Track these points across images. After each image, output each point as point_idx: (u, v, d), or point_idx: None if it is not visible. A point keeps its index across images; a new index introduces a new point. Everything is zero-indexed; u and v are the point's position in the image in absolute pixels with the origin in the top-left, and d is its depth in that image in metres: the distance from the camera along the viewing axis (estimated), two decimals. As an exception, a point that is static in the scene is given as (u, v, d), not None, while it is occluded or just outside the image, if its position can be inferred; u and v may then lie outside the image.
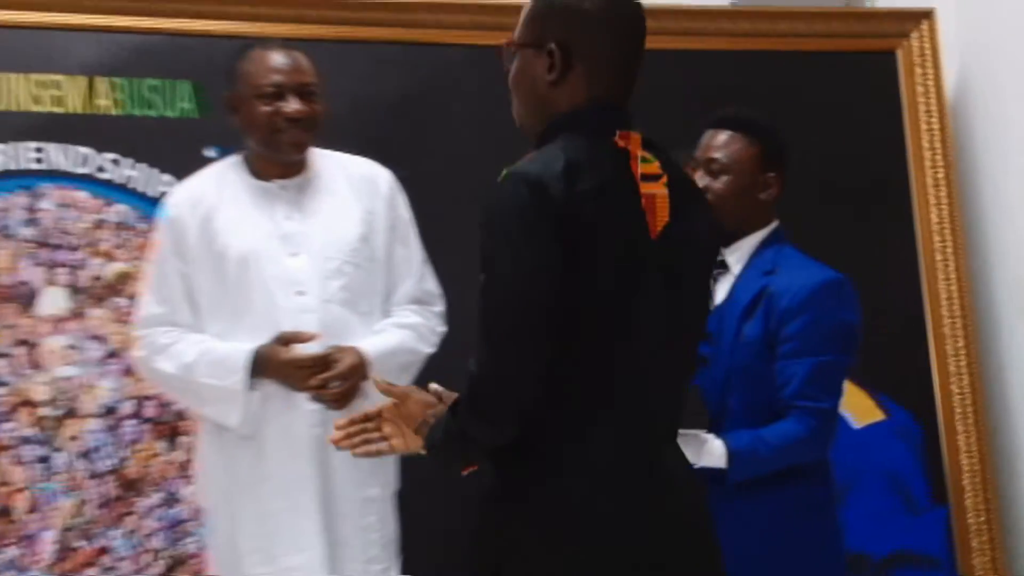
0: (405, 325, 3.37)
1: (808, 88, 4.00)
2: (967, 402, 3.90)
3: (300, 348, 3.24)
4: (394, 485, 3.36)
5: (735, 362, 2.95)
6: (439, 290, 3.42)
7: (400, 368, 3.32)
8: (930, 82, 4.04)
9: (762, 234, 3.01)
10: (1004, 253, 3.91)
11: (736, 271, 3.02)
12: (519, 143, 3.78)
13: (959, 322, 3.95)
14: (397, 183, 3.40)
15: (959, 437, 3.91)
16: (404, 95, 3.91)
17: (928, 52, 4.05)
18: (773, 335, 2.93)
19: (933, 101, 4.04)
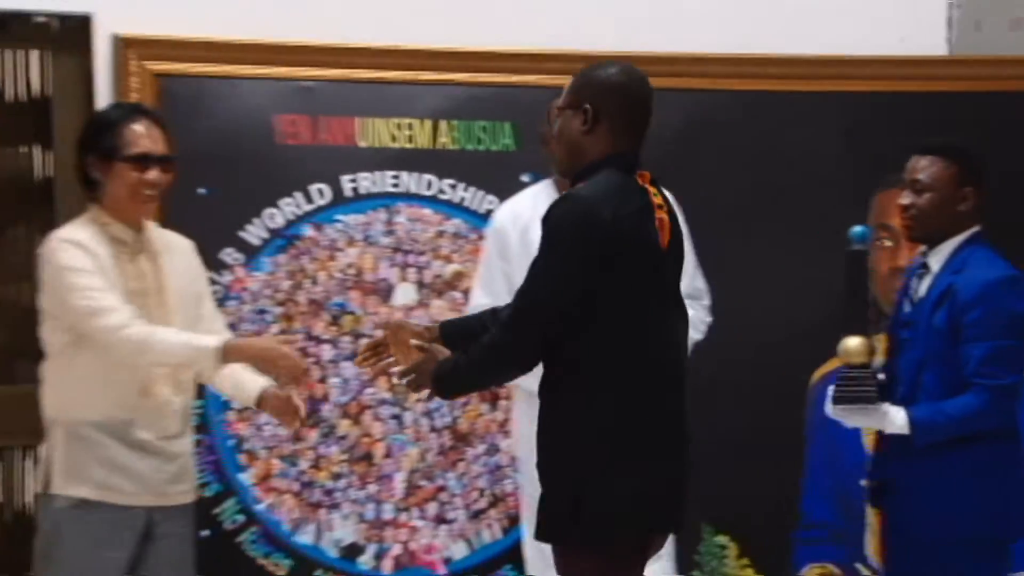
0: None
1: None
2: None
3: None
4: None
5: (928, 347, 3.29)
6: (707, 287, 3.93)
7: None
8: None
9: (959, 239, 3.33)
10: None
11: (935, 271, 3.34)
12: (775, 171, 4.44)
13: None
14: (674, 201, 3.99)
15: None
16: (681, 131, 4.26)
17: None
18: (956, 324, 3.24)
19: None
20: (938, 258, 3.36)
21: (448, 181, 4.28)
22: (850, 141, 4.41)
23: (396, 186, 4.26)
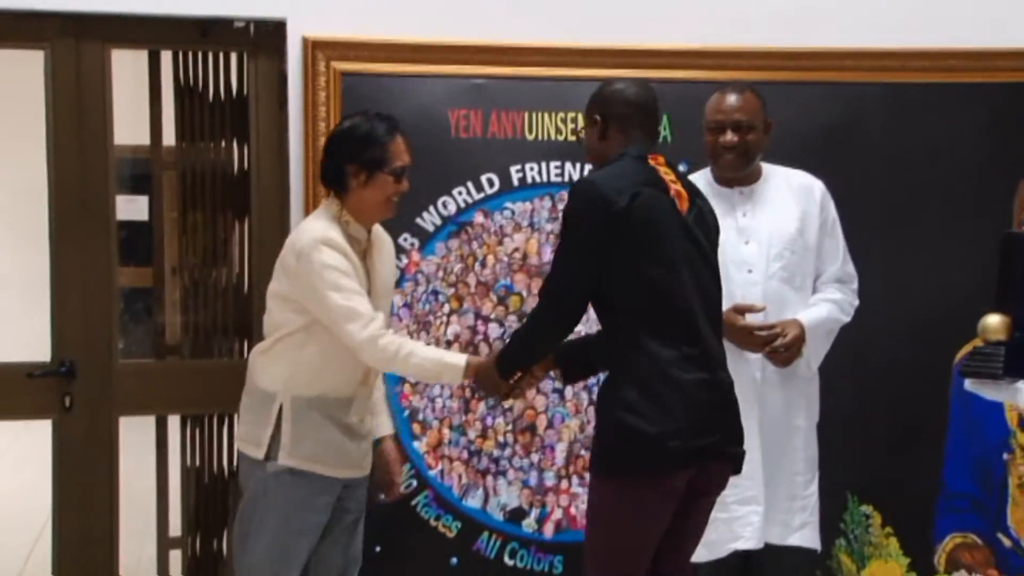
0: (831, 300, 3.89)
1: None
2: None
3: (750, 317, 3.77)
4: (816, 418, 3.89)
5: None
6: (855, 272, 3.99)
7: (826, 333, 3.87)
8: None
9: None
10: None
11: None
12: (920, 161, 4.49)
13: None
14: (826, 191, 3.95)
15: None
16: (827, 124, 4.37)
17: None
18: None
19: None
20: None
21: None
22: (994, 131, 4.44)
23: (560, 176, 4.36)
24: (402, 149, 3.61)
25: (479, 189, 4.38)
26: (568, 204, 3.34)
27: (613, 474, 3.31)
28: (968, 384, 3.52)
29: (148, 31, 4.29)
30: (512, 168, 4.37)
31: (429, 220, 4.38)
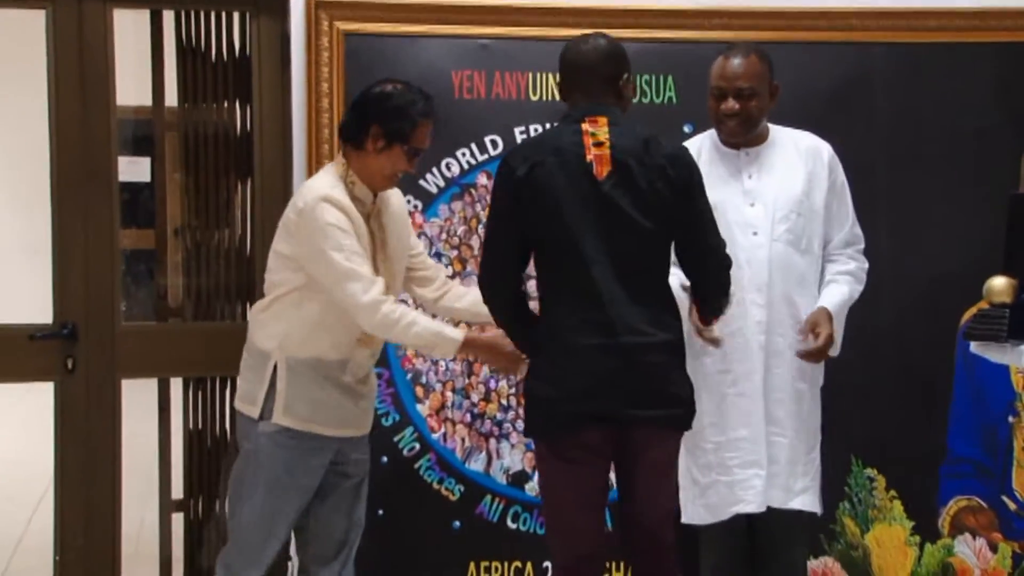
0: (847, 272, 3.90)
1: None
2: None
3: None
4: (821, 382, 3.88)
5: None
6: (862, 234, 3.96)
7: (847, 307, 3.89)
8: None
9: None
10: None
11: None
12: (929, 122, 4.45)
13: None
14: (834, 153, 3.91)
15: None
16: (836, 84, 4.35)
17: None
18: None
19: None
20: None
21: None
22: (1002, 91, 4.42)
23: None
24: (427, 133, 3.62)
25: (483, 151, 4.38)
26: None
27: (527, 436, 3.69)
28: (973, 347, 3.53)
29: (150, -9, 4.28)
30: (516, 129, 4.36)
31: (432, 182, 4.38)
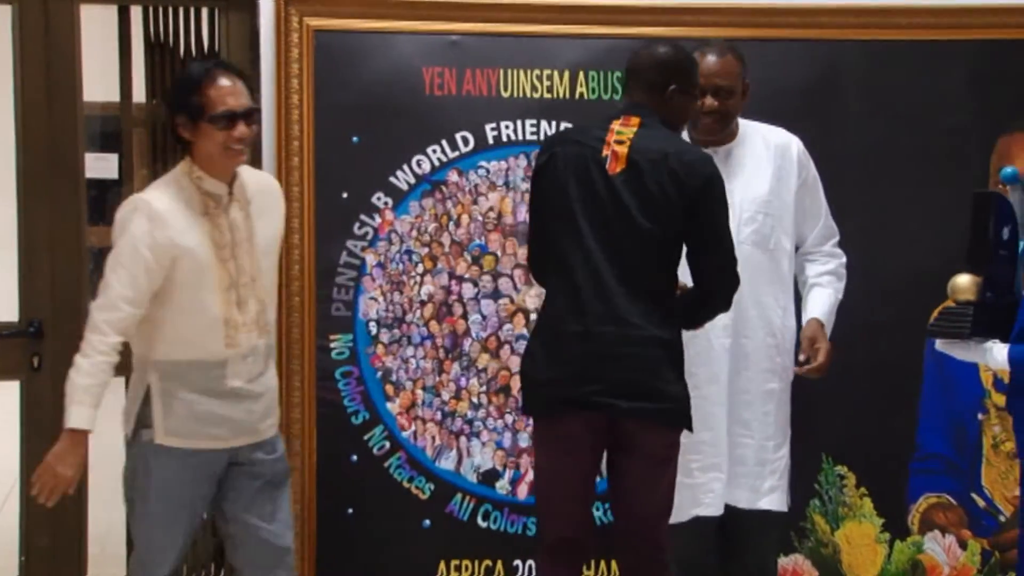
0: (827, 272, 3.93)
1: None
2: None
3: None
4: (791, 379, 3.86)
5: None
6: (835, 227, 3.98)
7: (834, 310, 3.92)
8: None
9: None
10: None
11: None
12: (892, 115, 4.45)
13: None
14: (804, 149, 3.91)
15: None
16: (809, 81, 4.35)
17: None
18: None
19: None
20: None
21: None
22: (972, 89, 4.43)
23: (535, 134, 4.33)
24: (225, 92, 3.36)
25: (454, 147, 4.36)
26: None
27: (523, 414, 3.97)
28: (938, 344, 3.53)
29: (117, -15, 4.25)
30: (487, 126, 4.35)
31: (403, 179, 4.36)
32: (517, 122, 4.33)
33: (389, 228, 4.35)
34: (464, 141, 4.35)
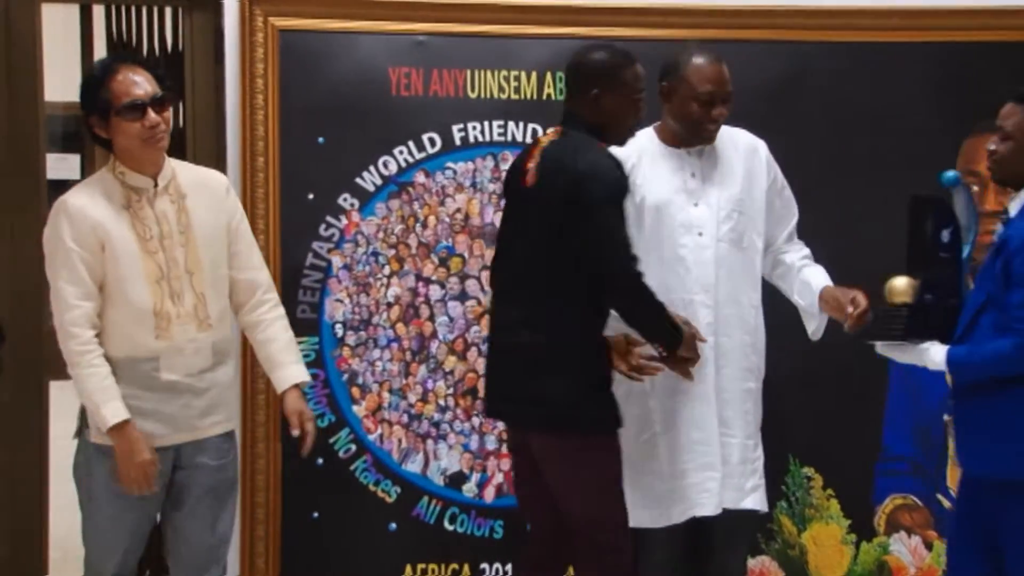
0: (808, 255, 3.95)
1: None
2: None
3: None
4: (762, 377, 3.86)
5: (988, 290, 3.27)
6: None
7: None
8: None
9: None
10: None
11: (1011, 215, 3.31)
12: (856, 117, 4.46)
13: None
14: (768, 151, 3.89)
15: None
16: (775, 82, 4.36)
17: None
18: (1008, 269, 3.22)
19: None
20: (1016, 204, 3.37)
21: (552, 130, 4.30)
22: (937, 90, 4.44)
23: (503, 135, 4.34)
24: (128, 83, 3.35)
25: (420, 148, 4.35)
26: None
27: None
28: (879, 347, 3.54)
29: (80, -16, 4.23)
30: (454, 127, 4.34)
31: (369, 180, 4.34)
32: (484, 123, 4.33)
33: (355, 230, 4.33)
34: (431, 142, 4.34)
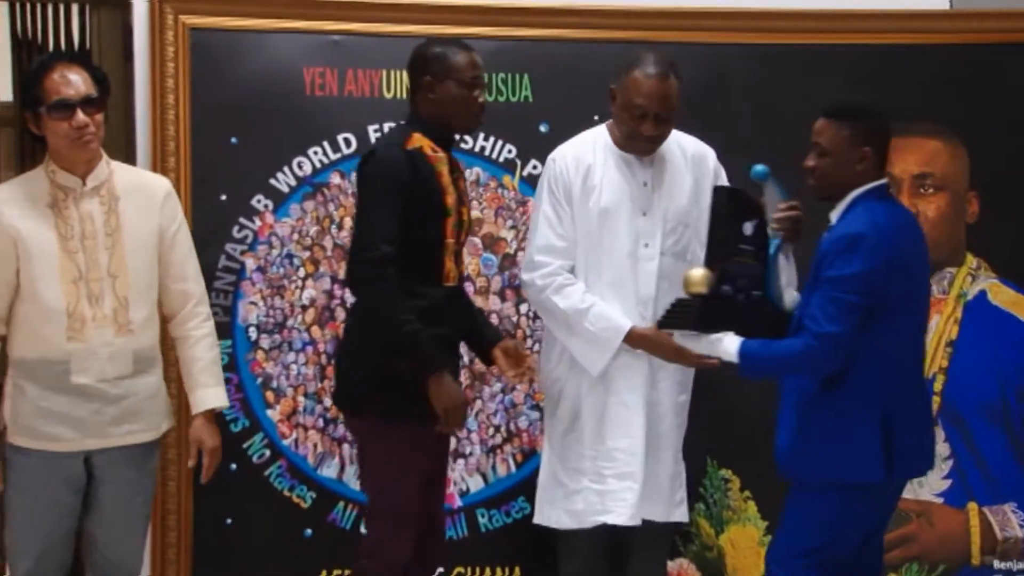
0: None
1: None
2: None
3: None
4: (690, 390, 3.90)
5: (809, 291, 3.39)
6: None
7: None
8: None
9: (854, 195, 3.37)
10: None
11: (833, 223, 3.43)
12: (780, 122, 4.52)
13: None
14: (717, 160, 3.92)
15: None
16: (691, 84, 4.13)
17: None
18: (815, 272, 3.35)
19: None
20: (836, 212, 3.46)
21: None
22: (854, 93, 4.34)
23: None
24: (60, 82, 3.34)
25: (335, 149, 4.31)
26: None
27: None
28: (676, 337, 3.58)
29: (-18, -19, 4.15)
30: (370, 128, 4.30)
31: (283, 181, 4.30)
32: (400, 123, 4.19)
33: (269, 231, 4.28)
34: (346, 143, 4.30)
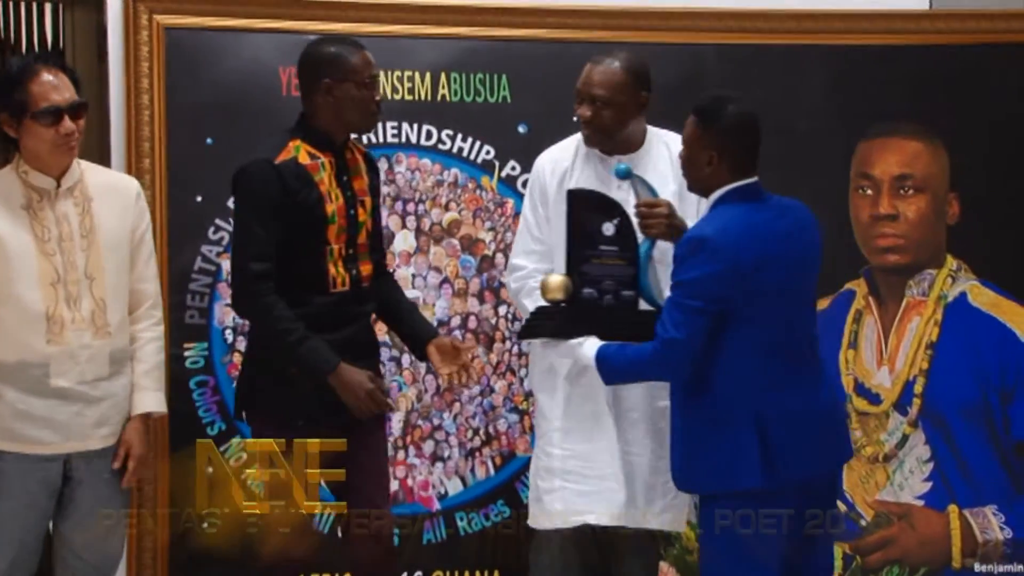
0: None
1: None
2: None
3: None
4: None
5: None
6: None
7: None
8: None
9: (713, 198, 3.32)
10: None
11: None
12: (760, 122, 4.47)
13: None
14: None
15: None
16: (668, 85, 4.17)
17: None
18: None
19: None
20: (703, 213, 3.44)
21: (447, 131, 4.31)
22: (831, 94, 4.48)
23: (397, 136, 4.31)
24: (48, 87, 3.30)
25: (312, 150, 4.26)
26: None
27: None
28: (540, 344, 3.57)
29: (-48, -21, 4.13)
30: (345, 128, 4.26)
31: (260, 182, 4.23)
32: (378, 124, 4.18)
33: (244, 232, 4.23)
34: (322, 143, 4.26)
